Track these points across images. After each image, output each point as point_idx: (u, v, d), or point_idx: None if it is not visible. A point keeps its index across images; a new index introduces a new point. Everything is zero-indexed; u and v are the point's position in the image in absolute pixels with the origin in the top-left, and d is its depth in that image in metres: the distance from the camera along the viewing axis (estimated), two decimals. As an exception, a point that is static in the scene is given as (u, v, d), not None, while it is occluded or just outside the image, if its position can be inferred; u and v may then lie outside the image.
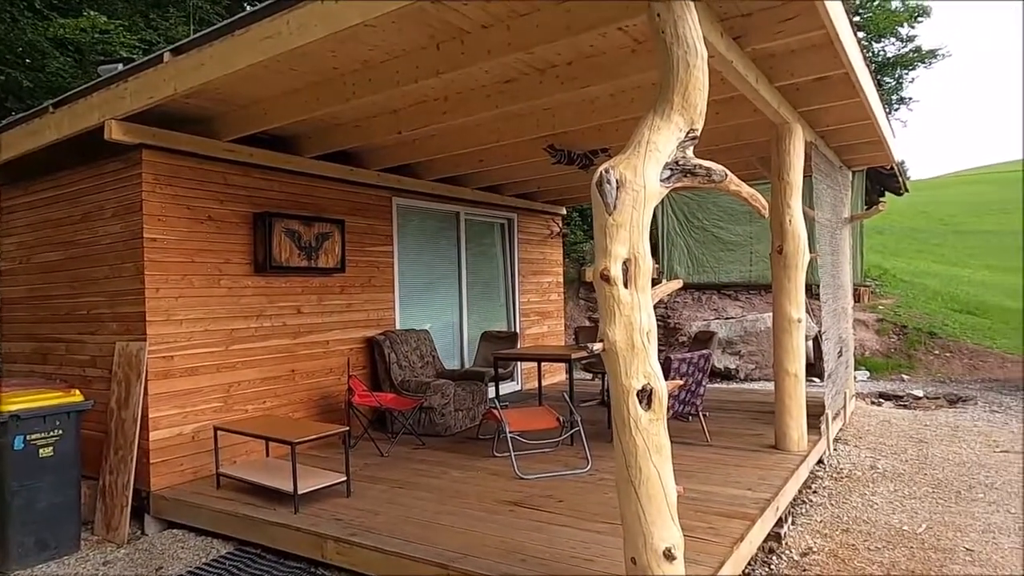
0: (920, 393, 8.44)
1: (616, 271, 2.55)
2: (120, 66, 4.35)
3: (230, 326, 5.12)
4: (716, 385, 9.43)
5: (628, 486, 2.58)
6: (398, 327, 6.74)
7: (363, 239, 6.40)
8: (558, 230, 9.58)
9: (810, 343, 8.88)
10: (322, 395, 5.87)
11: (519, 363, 8.29)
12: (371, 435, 5.59)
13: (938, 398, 8.20)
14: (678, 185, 2.81)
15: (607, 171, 2.59)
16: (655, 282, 2.63)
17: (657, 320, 10.65)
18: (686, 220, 11.86)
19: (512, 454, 4.68)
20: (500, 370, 6.73)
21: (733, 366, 10.15)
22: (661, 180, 2.70)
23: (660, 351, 10.18)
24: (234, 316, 5.15)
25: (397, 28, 3.46)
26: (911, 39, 18.55)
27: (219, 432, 4.66)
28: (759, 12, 3.53)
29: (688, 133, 2.77)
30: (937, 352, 10.08)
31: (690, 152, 2.79)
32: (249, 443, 5.08)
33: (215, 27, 3.74)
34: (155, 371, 4.60)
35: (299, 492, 4.05)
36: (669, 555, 2.55)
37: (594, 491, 4.24)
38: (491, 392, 6.70)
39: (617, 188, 2.58)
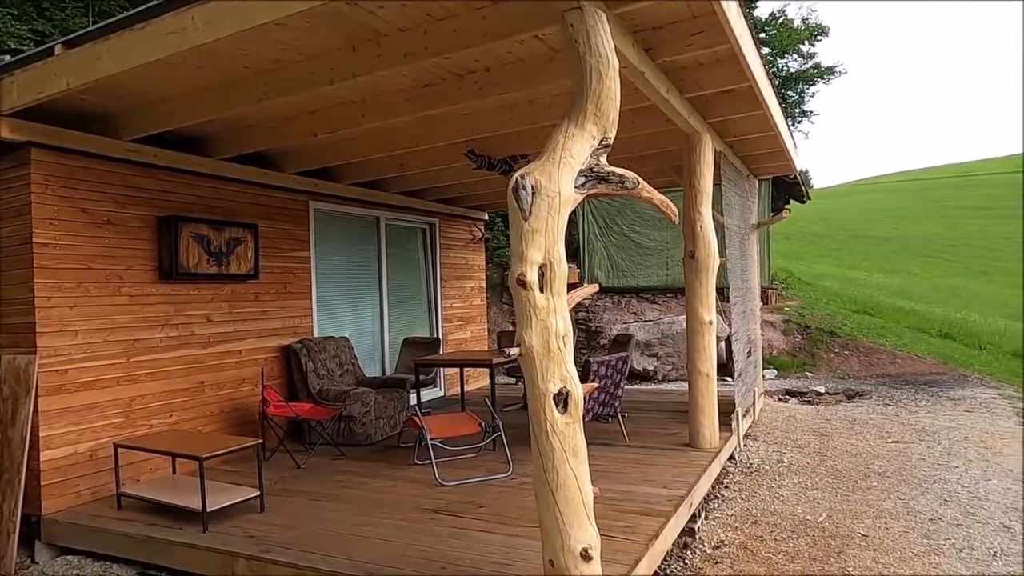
0: (822, 389, 8.95)
1: (532, 276, 2.58)
2: (7, 58, 4.03)
3: (132, 336, 4.83)
4: (635, 386, 9.68)
5: (545, 489, 2.60)
6: (316, 335, 6.57)
7: (278, 244, 6.20)
8: (480, 235, 9.60)
9: (722, 344, 9.26)
10: (235, 407, 5.63)
11: (442, 369, 8.23)
12: (287, 447, 5.41)
13: (838, 393, 8.72)
14: (592, 192, 2.87)
15: (523, 177, 2.61)
16: (574, 286, 2.68)
17: (578, 324, 10.85)
18: (606, 226, 12.13)
19: (433, 461, 4.64)
20: (422, 376, 6.67)
21: (651, 367, 10.45)
22: (576, 187, 2.75)
23: (581, 354, 10.36)
24: (137, 326, 4.87)
25: (311, 28, 3.38)
26: (812, 56, 19.74)
27: (120, 449, 4.39)
28: (668, 26, 3.66)
29: (601, 141, 2.83)
30: (837, 350, 10.72)
31: (604, 159, 2.86)
32: (154, 460, 4.81)
33: (114, 19, 3.53)
34: (47, 386, 4.29)
35: (208, 509, 3.87)
36: (586, 556, 2.59)
37: (515, 495, 4.26)
38: (413, 399, 6.63)
39: (533, 194, 2.61)
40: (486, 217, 9.82)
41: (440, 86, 4.37)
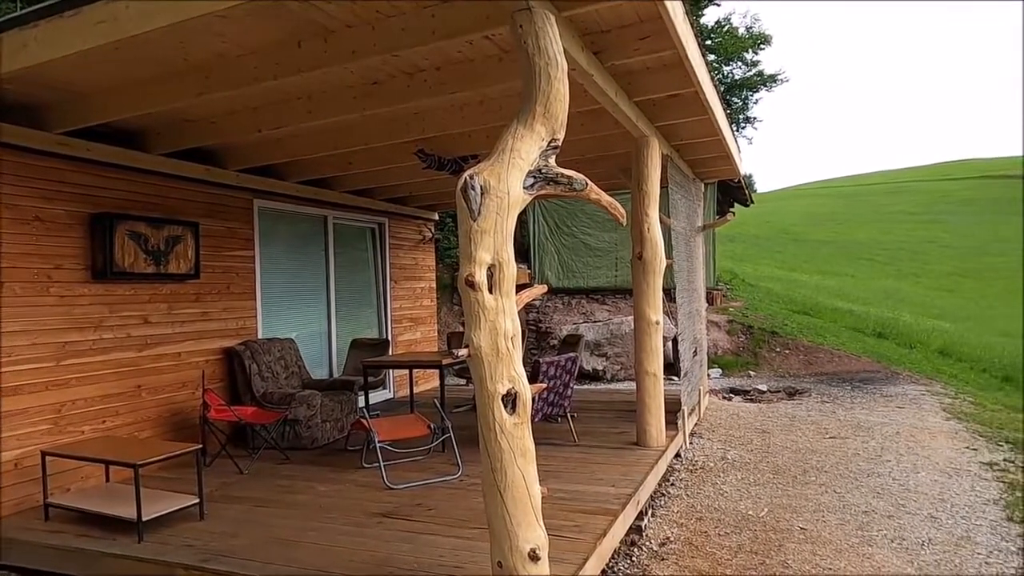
0: (764, 388, 9.22)
1: (481, 277, 2.57)
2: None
3: (62, 339, 4.61)
4: (585, 386, 9.77)
5: (494, 490, 2.60)
6: (260, 336, 6.39)
7: (221, 243, 6.02)
8: (430, 235, 9.53)
9: (669, 344, 9.44)
10: (173, 411, 5.43)
11: (391, 371, 8.14)
12: (229, 452, 5.25)
13: (779, 392, 9.00)
14: (541, 193, 2.88)
15: (471, 178, 2.60)
16: (525, 287, 2.68)
17: (528, 324, 10.87)
18: (556, 227, 12.22)
19: (381, 464, 4.57)
20: (371, 378, 6.57)
21: (601, 367, 10.57)
22: (524, 187, 2.76)
23: (531, 355, 10.41)
24: (67, 327, 4.65)
25: (253, 21, 3.29)
26: (755, 64, 20.37)
27: (48, 457, 4.17)
28: (617, 30, 3.71)
29: (550, 142, 2.84)
30: (779, 350, 11.06)
31: (552, 161, 2.87)
32: (85, 468, 4.59)
33: (44, 5, 3.35)
34: (-33, 391, 4.05)
35: (144, 519, 3.71)
36: (534, 556, 2.59)
37: (464, 497, 4.24)
38: (361, 401, 6.52)
39: (482, 195, 2.60)
40: (436, 217, 9.76)
41: (389, 84, 4.32)
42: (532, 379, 5.26)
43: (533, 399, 5.21)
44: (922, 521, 4.26)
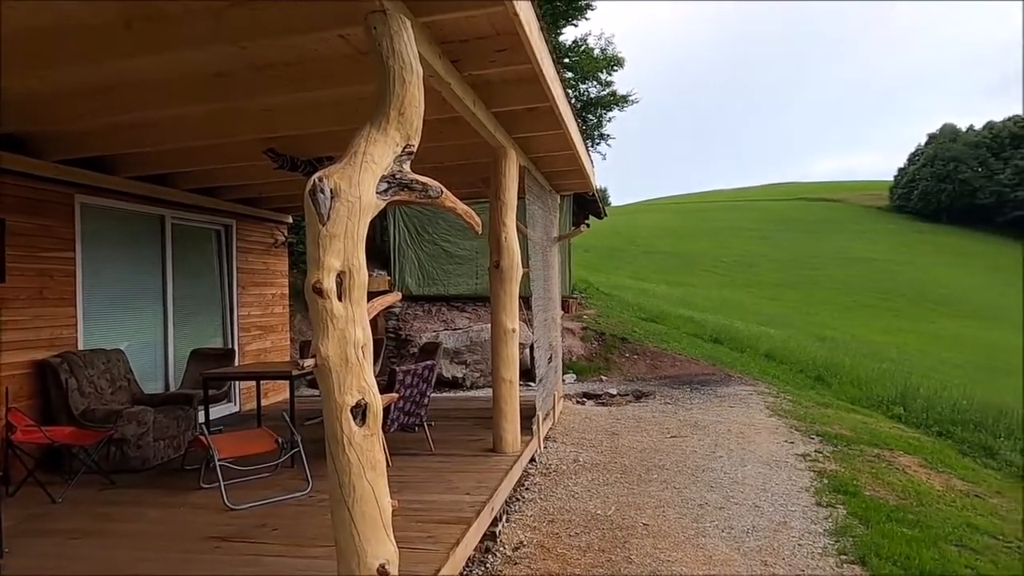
0: (615, 391, 9.70)
1: (330, 284, 2.47)
2: None
3: None
4: (444, 394, 9.74)
5: (341, 506, 2.49)
6: (82, 347, 5.74)
7: (34, 243, 5.34)
8: (283, 239, 9.08)
9: (527, 351, 9.65)
10: (-31, 434, 4.72)
11: (237, 383, 7.63)
12: (38, 478, 4.64)
13: (628, 395, 9.51)
14: (395, 199, 2.82)
15: (320, 180, 2.50)
16: (383, 294, 2.61)
17: (388, 332, 10.67)
18: (417, 233, 12.12)
19: (221, 484, 4.25)
20: (213, 391, 6.11)
21: (460, 375, 10.59)
22: (378, 193, 2.69)
23: (391, 363, 10.21)
24: None
25: (72, -5, 2.95)
26: (609, 84, 21.48)
27: None
28: (475, 40, 3.74)
29: (405, 148, 2.80)
30: (628, 355, 11.70)
31: (407, 167, 2.83)
32: None
33: None
34: None
35: (-76, 561, 3.18)
36: (383, 571, 2.52)
37: (314, 514, 4.05)
38: (203, 417, 6.05)
39: (332, 198, 2.51)
40: (290, 220, 9.32)
41: (236, 77, 4.06)
42: (388, 388, 5.15)
43: (388, 409, 5.10)
44: (748, 511, 4.66)
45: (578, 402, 9.13)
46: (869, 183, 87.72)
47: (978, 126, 74.37)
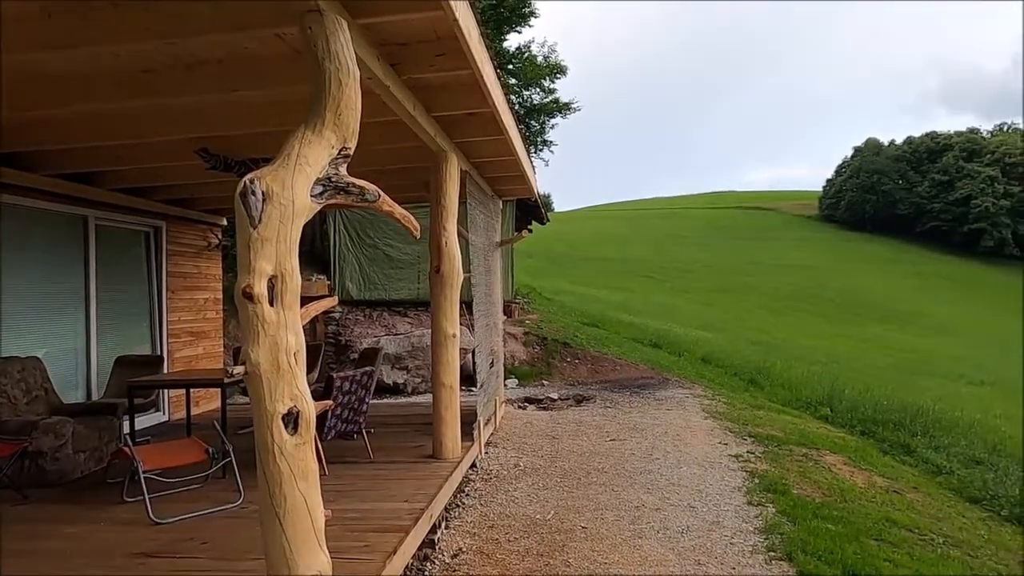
0: (556, 396, 9.77)
1: (261, 288, 2.40)
2: None
3: None
4: (385, 400, 9.62)
5: (272, 516, 2.43)
6: (-6, 354, 5.40)
7: (-60, 243, 5.00)
8: (217, 242, 8.78)
9: (469, 356, 9.63)
10: None
11: (165, 391, 7.33)
12: (-57, 495, 4.35)
13: (569, 399, 9.60)
14: (331, 202, 2.78)
15: (252, 182, 2.43)
16: (316, 299, 2.55)
17: (328, 338, 10.44)
18: (358, 238, 11.94)
19: (146, 497, 4.06)
20: (140, 400, 5.86)
21: (401, 381, 10.48)
22: (312, 196, 2.64)
23: (330, 368, 10.01)
24: None
25: (-16, -18, 2.79)
26: (552, 91, 21.73)
27: None
28: (414, 44, 3.71)
29: (341, 151, 2.76)
30: (569, 359, 11.82)
31: (343, 170, 2.79)
32: None
33: None
34: None
35: None
36: (316, 583, 2.46)
37: (246, 526, 3.91)
38: (129, 427, 5.78)
39: (263, 201, 2.44)
40: (224, 222, 9.02)
41: (166, 74, 3.90)
42: (325, 395, 5.05)
43: (325, 417, 5.00)
44: (683, 511, 4.77)
45: (520, 407, 9.16)
46: (801, 193, 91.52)
47: (899, 141, 78.62)
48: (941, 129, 78.64)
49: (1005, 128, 79.27)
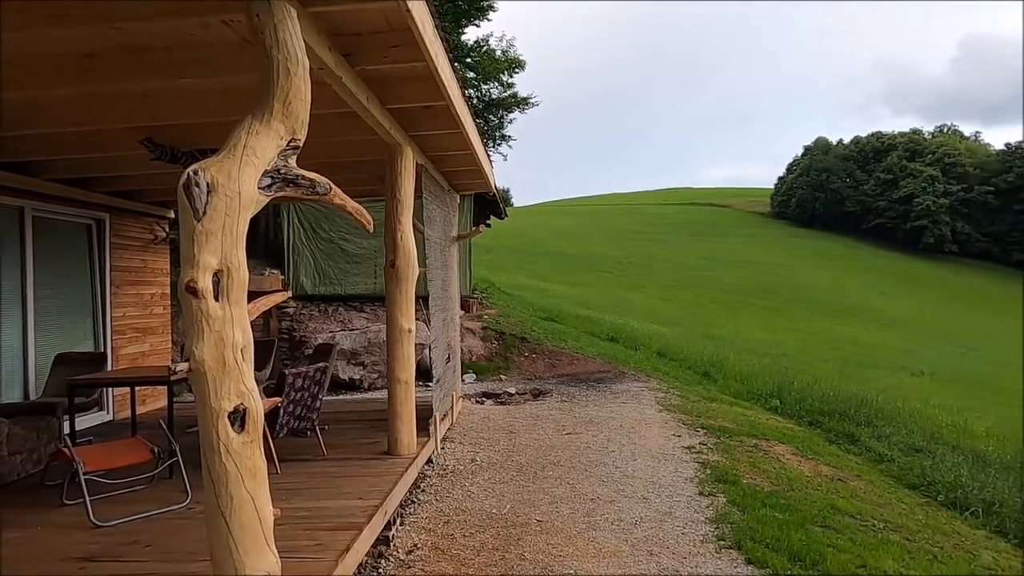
0: (513, 390, 9.80)
1: (205, 283, 2.34)
2: None
3: None
4: (340, 396, 9.50)
5: (217, 517, 2.37)
6: (-78, 352, 5.13)
7: None
8: (164, 235, 8.52)
9: (427, 351, 9.57)
10: None
11: (110, 389, 7.08)
12: None
13: (526, 393, 9.63)
14: (280, 195, 2.72)
15: (196, 173, 2.37)
16: (260, 294, 2.50)
17: (282, 333, 10.23)
18: (312, 231, 11.72)
19: (87, 499, 3.92)
20: (80, 399, 5.64)
21: (358, 376, 10.35)
22: (260, 188, 2.58)
23: (284, 364, 9.82)
24: None
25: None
26: (511, 86, 21.70)
27: None
28: (368, 35, 3.65)
29: (290, 142, 2.70)
30: (527, 354, 11.85)
31: (292, 161, 2.73)
32: None
33: None
34: None
35: None
36: (264, 583, 2.42)
37: (192, 527, 3.81)
38: (69, 427, 5.57)
39: (208, 193, 2.38)
40: (172, 215, 8.74)
41: (109, 60, 3.76)
42: (277, 392, 4.96)
43: (277, 414, 4.91)
44: (636, 503, 4.84)
45: (477, 402, 9.15)
46: (754, 190, 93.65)
47: (847, 140, 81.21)
48: (886, 130, 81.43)
49: (945, 130, 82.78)
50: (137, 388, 6.05)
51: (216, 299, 2.37)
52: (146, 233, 8.26)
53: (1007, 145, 74.11)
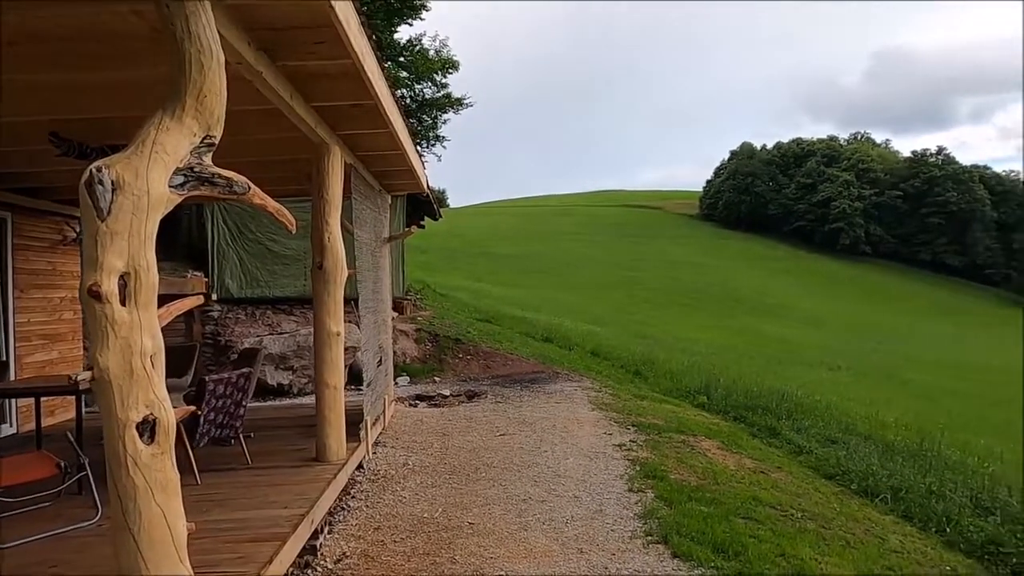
0: (448, 392, 9.73)
1: (110, 286, 2.21)
2: None
3: None
4: (268, 402, 9.22)
5: (125, 534, 2.24)
6: None
7: None
8: (74, 236, 8.04)
9: (358, 354, 9.40)
10: None
11: (12, 400, 6.63)
12: None
13: (460, 395, 9.58)
14: (194, 194, 2.60)
15: (99, 171, 2.24)
16: (181, 298, 2.38)
17: (206, 338, 9.84)
18: (238, 232, 11.31)
19: (-16, 519, 3.66)
20: (-21, 411, 5.26)
21: (286, 381, 10.06)
22: (172, 187, 2.46)
23: (208, 370, 9.45)
24: None
25: None
26: (444, 86, 21.57)
27: None
28: (290, 30, 3.54)
29: (205, 139, 2.59)
30: (462, 356, 11.81)
31: (208, 159, 2.62)
32: None
33: None
34: None
35: None
36: (177, 601, 2.30)
37: (102, 545, 3.56)
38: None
39: (113, 191, 2.26)
40: (84, 214, 8.27)
41: (6, 47, 3.50)
42: (197, 399, 4.76)
43: (198, 422, 4.71)
44: (568, 502, 4.89)
45: (411, 404, 9.05)
46: (684, 193, 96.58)
47: (770, 145, 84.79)
48: (806, 136, 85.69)
49: (859, 137, 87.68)
50: (43, 399, 5.68)
51: (123, 303, 2.24)
52: (54, 233, 7.78)
53: (914, 152, 79.21)
